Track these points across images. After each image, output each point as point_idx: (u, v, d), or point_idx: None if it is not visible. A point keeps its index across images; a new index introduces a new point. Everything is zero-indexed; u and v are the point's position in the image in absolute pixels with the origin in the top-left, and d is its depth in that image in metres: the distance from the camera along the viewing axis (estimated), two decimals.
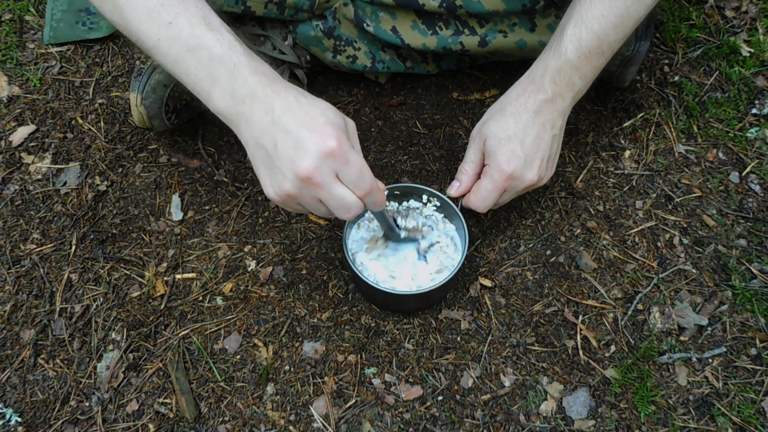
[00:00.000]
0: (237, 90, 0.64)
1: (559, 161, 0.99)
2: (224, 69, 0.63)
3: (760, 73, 1.06)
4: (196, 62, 0.64)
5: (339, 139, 0.62)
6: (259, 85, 0.63)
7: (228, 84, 0.64)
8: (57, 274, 0.92)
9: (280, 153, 0.62)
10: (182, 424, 0.81)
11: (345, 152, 0.62)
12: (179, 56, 0.65)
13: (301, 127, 0.62)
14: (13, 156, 1.02)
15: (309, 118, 0.62)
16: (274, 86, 0.64)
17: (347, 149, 0.63)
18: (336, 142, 0.61)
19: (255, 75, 0.64)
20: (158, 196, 0.98)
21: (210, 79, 0.64)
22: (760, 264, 0.89)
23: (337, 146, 0.61)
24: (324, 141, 0.61)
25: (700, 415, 0.80)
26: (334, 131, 0.62)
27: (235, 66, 0.63)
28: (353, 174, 0.63)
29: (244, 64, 0.64)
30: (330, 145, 0.61)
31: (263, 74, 0.64)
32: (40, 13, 1.19)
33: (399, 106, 1.07)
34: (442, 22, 0.91)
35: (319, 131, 0.62)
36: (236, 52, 0.64)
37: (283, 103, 0.63)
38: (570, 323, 0.87)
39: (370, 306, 0.88)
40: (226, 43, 0.64)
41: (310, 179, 0.62)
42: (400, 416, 0.81)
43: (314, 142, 0.61)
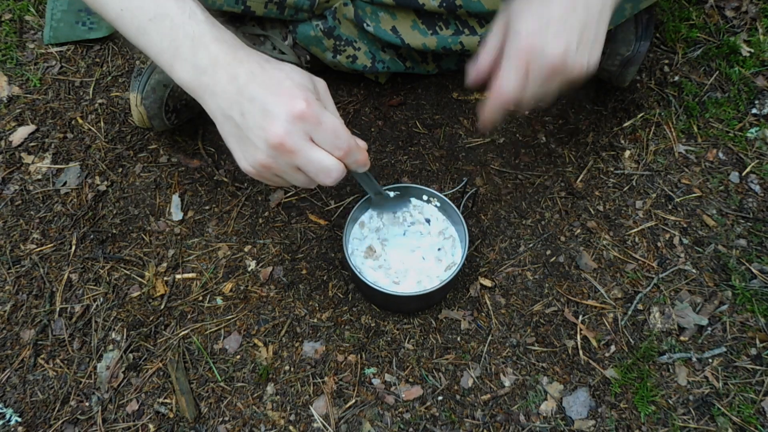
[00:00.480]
0: (199, 60, 0.61)
1: (558, 161, 1.00)
2: (186, 38, 0.61)
3: (760, 73, 1.06)
4: (157, 32, 0.62)
5: (308, 100, 0.59)
6: (221, 53, 0.61)
7: (190, 54, 0.61)
8: (57, 274, 0.92)
9: (248, 122, 0.60)
10: (182, 424, 0.81)
11: (316, 113, 0.59)
12: (141, 26, 0.63)
13: (267, 92, 0.59)
14: (13, 156, 1.02)
15: (274, 82, 0.60)
16: (237, 54, 0.61)
17: (318, 109, 0.59)
18: (305, 103, 0.58)
19: (217, 43, 0.61)
20: (158, 196, 0.98)
21: (172, 49, 0.62)
22: (760, 264, 0.89)
23: (307, 107, 0.58)
24: (292, 103, 0.58)
25: (700, 415, 0.80)
26: (302, 93, 0.59)
27: (196, 35, 0.61)
28: (328, 134, 0.60)
29: (206, 32, 0.61)
30: (299, 107, 0.58)
31: (225, 42, 0.62)
32: (40, 13, 1.19)
33: (399, 106, 1.07)
34: (442, 22, 0.91)
35: (286, 94, 0.59)
36: (198, 20, 0.61)
37: (246, 71, 0.60)
38: (570, 323, 0.87)
39: (370, 306, 0.88)
40: (188, 11, 0.61)
41: (283, 145, 0.59)
42: (400, 416, 0.81)
43: (282, 106, 0.58)
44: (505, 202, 0.97)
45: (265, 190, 0.99)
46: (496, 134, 1.03)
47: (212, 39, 0.61)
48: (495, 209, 0.96)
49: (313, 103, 0.59)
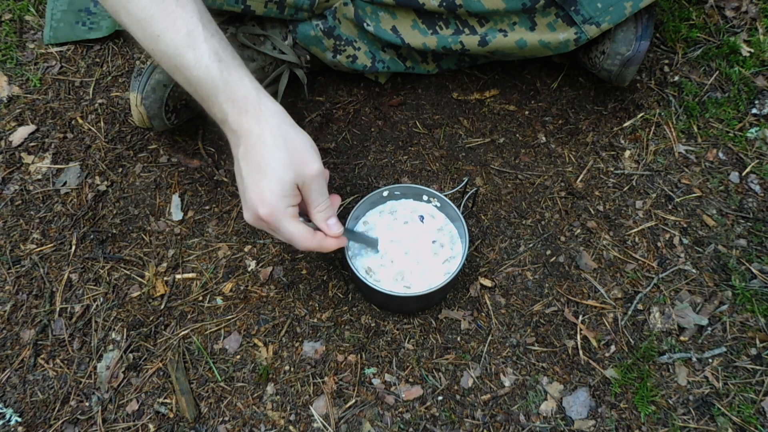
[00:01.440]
0: (216, 113, 0.68)
1: (558, 161, 1.00)
2: (204, 92, 0.66)
3: (760, 73, 1.06)
4: (182, 79, 0.68)
5: (271, 209, 0.66)
6: (231, 116, 0.66)
7: (209, 106, 0.68)
8: (57, 274, 0.92)
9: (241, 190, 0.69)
10: (182, 424, 0.81)
11: (274, 222, 0.67)
12: (169, 69, 0.68)
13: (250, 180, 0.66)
14: (13, 156, 1.02)
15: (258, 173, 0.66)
16: (243, 121, 0.66)
17: (276, 219, 0.66)
18: (267, 211, 0.66)
19: (227, 103, 0.66)
20: (158, 196, 0.98)
21: (197, 96, 0.68)
22: (760, 264, 0.89)
23: (267, 215, 0.66)
24: (257, 207, 0.66)
25: (700, 415, 0.80)
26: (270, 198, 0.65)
27: (209, 93, 0.66)
28: (284, 239, 0.69)
29: (220, 90, 0.65)
30: (261, 213, 0.66)
31: (235, 103, 0.66)
32: (40, 13, 1.19)
33: (399, 106, 1.07)
34: (442, 22, 0.91)
35: (259, 194, 0.65)
36: (212, 77, 0.65)
37: (245, 145, 0.66)
38: (570, 323, 0.87)
39: (370, 306, 0.88)
40: (203, 65, 0.65)
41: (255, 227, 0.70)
42: (400, 416, 0.81)
43: (252, 203, 0.66)
44: (505, 202, 0.97)
45: None
46: (496, 134, 1.03)
47: (224, 99, 0.66)
48: (495, 209, 0.96)
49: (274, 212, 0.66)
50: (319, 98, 1.07)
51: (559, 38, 0.89)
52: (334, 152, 1.02)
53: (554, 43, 0.89)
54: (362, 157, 1.02)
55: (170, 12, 0.64)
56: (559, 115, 1.05)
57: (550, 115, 1.05)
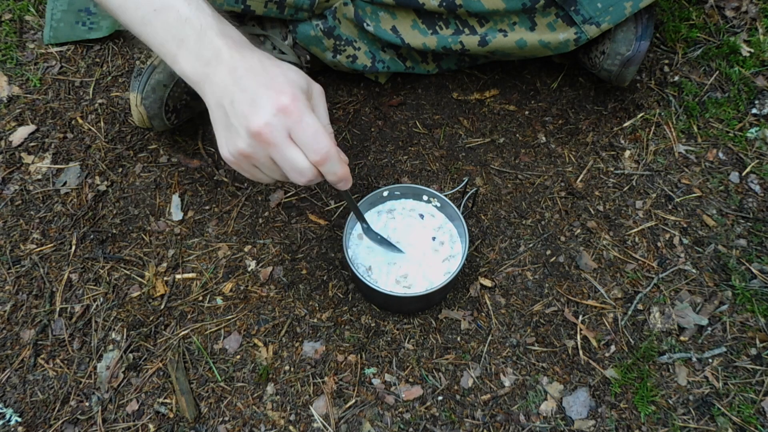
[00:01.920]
0: (203, 52, 0.63)
1: (558, 161, 1.00)
2: (191, 30, 0.63)
3: (760, 73, 1.06)
4: (162, 23, 0.63)
5: (295, 97, 0.60)
6: (225, 47, 0.62)
7: (195, 46, 0.63)
8: (57, 274, 0.92)
9: (236, 110, 0.61)
10: (182, 424, 0.81)
11: (299, 110, 0.60)
12: (146, 17, 0.64)
13: (259, 85, 0.61)
14: (13, 156, 1.02)
15: (269, 78, 0.61)
16: (241, 49, 0.63)
17: (302, 108, 0.61)
18: (290, 98, 0.60)
19: (221, 38, 0.62)
20: (158, 196, 0.98)
21: (177, 41, 0.63)
22: (760, 264, 0.89)
23: (291, 102, 0.60)
24: (278, 97, 0.60)
25: (700, 415, 0.80)
26: (291, 89, 0.61)
27: (202, 27, 0.62)
28: (307, 135, 0.61)
29: (212, 26, 0.63)
30: (283, 101, 0.60)
31: (230, 37, 0.63)
32: (40, 13, 1.19)
33: (399, 106, 1.07)
34: (442, 22, 0.91)
35: (276, 89, 0.60)
36: (204, 14, 0.63)
37: (246, 65, 0.62)
38: (570, 323, 0.87)
39: (370, 306, 0.88)
40: (194, 3, 0.63)
41: (261, 135, 0.60)
42: (400, 416, 0.81)
43: (269, 98, 0.60)
44: (505, 202, 0.97)
45: (265, 190, 0.99)
46: (496, 134, 1.03)
47: (217, 33, 0.62)
48: (495, 209, 0.96)
49: (299, 101, 0.60)
50: None
51: (559, 38, 0.89)
52: None
53: (554, 43, 0.89)
54: (362, 157, 1.02)
55: None
56: (559, 115, 1.05)
57: (550, 115, 1.05)
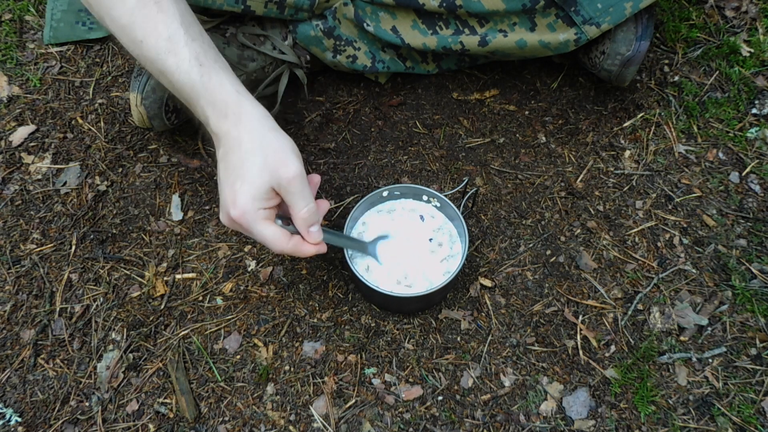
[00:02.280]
0: (199, 115, 0.69)
1: (558, 161, 1.00)
2: (185, 96, 0.68)
3: (760, 73, 1.06)
4: (166, 83, 0.69)
5: (242, 211, 0.66)
6: (211, 119, 0.67)
7: (193, 108, 0.69)
8: (57, 274, 0.92)
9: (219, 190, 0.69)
10: (182, 424, 0.81)
11: (246, 224, 0.66)
12: (155, 72, 0.69)
13: (225, 182, 0.67)
14: (13, 156, 1.02)
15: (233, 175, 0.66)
16: (222, 125, 0.66)
17: (248, 222, 0.66)
18: (238, 213, 0.66)
19: (209, 107, 0.66)
20: (158, 196, 0.98)
21: (181, 98, 0.69)
22: (760, 264, 0.89)
23: (238, 217, 0.66)
24: (229, 208, 0.66)
25: (700, 415, 0.80)
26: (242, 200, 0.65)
27: (191, 97, 0.67)
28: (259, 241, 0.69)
29: (201, 94, 0.66)
30: (232, 214, 0.66)
31: (215, 107, 0.66)
32: (40, 13, 1.19)
33: (399, 106, 1.07)
34: (442, 22, 0.91)
35: (232, 196, 0.66)
36: (193, 82, 0.66)
37: (224, 148, 0.67)
38: (570, 323, 0.87)
39: (370, 306, 0.88)
40: (184, 70, 0.65)
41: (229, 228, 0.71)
42: (400, 416, 0.81)
43: (225, 204, 0.67)
44: (505, 202, 0.97)
45: None
46: (496, 134, 1.03)
47: (205, 103, 0.67)
48: (495, 209, 0.96)
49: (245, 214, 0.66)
50: (319, 98, 1.07)
51: (559, 39, 0.89)
52: (334, 152, 1.02)
53: (554, 43, 0.89)
54: (362, 157, 1.02)
55: (151, 17, 0.65)
56: (559, 115, 1.05)
57: (550, 115, 1.05)
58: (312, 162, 1.01)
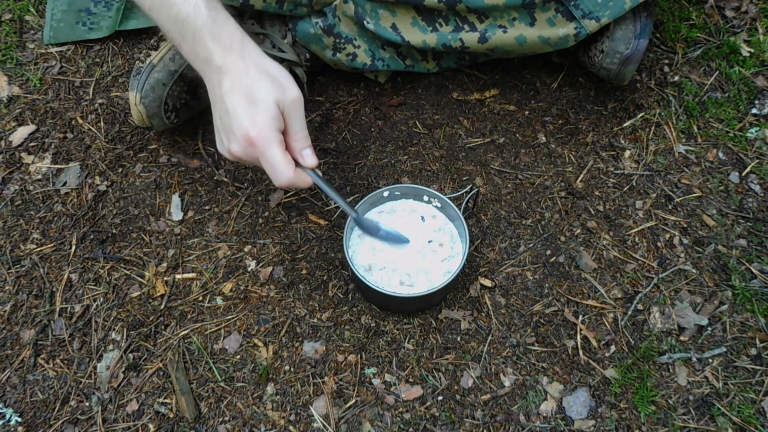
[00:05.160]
0: (199, 52, 0.70)
1: (558, 161, 1.00)
2: (188, 29, 0.69)
3: (760, 73, 1.06)
4: (165, 16, 0.70)
5: (260, 132, 0.68)
6: (216, 54, 0.69)
7: (191, 45, 0.70)
8: (57, 274, 0.91)
9: (223, 126, 0.71)
10: (182, 424, 0.81)
11: (263, 145, 0.68)
12: (153, 5, 0.71)
13: (237, 109, 0.68)
14: (13, 156, 1.02)
15: (245, 100, 0.68)
16: (227, 58, 0.69)
17: (264, 143, 0.68)
18: (256, 133, 0.68)
19: (213, 42, 0.69)
20: (158, 196, 0.98)
21: (179, 35, 0.71)
22: (760, 264, 0.89)
23: (256, 137, 0.68)
24: (248, 130, 0.68)
25: (700, 415, 0.80)
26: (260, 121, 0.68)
27: (196, 30, 0.69)
28: (268, 168, 0.70)
29: (206, 29, 0.69)
30: (252, 135, 0.68)
31: (221, 42, 0.69)
32: (40, 13, 1.19)
33: (399, 106, 1.07)
34: (441, 19, 0.91)
35: (250, 118, 0.68)
36: (200, 15, 0.69)
37: (230, 80, 0.69)
38: (570, 323, 0.87)
39: (370, 306, 0.88)
40: (192, 3, 0.68)
41: (240, 159, 0.71)
42: (400, 416, 0.81)
43: (241, 129, 0.68)
44: (505, 202, 0.97)
45: (265, 190, 0.99)
46: (496, 134, 1.03)
47: (210, 37, 0.69)
48: (495, 209, 0.96)
49: (263, 135, 0.68)
50: (319, 98, 1.07)
51: (559, 33, 0.89)
52: (334, 152, 1.02)
53: (554, 38, 0.89)
54: (362, 157, 1.02)
55: None
56: (559, 115, 1.05)
57: (550, 115, 1.05)
58: None
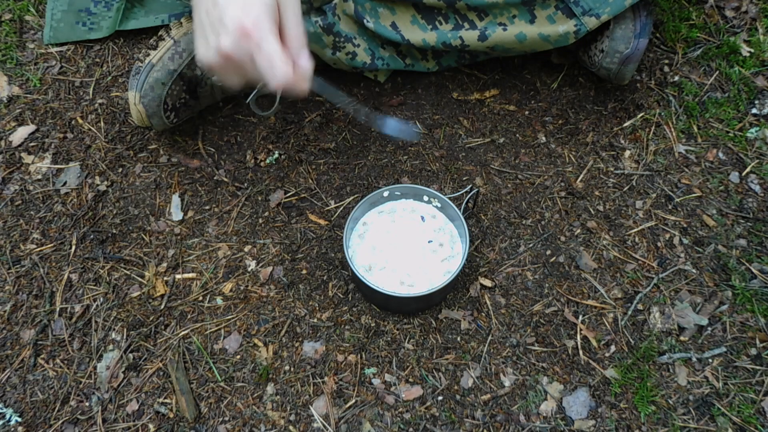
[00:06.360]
0: None
1: (558, 161, 1.00)
2: None
3: (760, 73, 1.06)
4: None
5: (256, 20, 0.62)
6: None
7: None
8: (57, 274, 0.92)
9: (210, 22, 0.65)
10: (182, 424, 0.81)
11: (259, 36, 0.63)
12: None
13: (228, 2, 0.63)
14: (13, 156, 1.02)
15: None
16: None
17: (261, 34, 0.63)
18: (251, 22, 0.62)
19: None
20: (158, 196, 0.98)
21: None
22: (760, 264, 0.89)
23: (251, 27, 0.62)
24: (242, 19, 0.62)
25: (700, 415, 0.80)
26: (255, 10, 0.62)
27: None
28: (264, 64, 0.64)
29: None
30: (247, 24, 0.62)
31: None
32: (40, 13, 1.19)
33: (399, 106, 1.07)
34: (441, 17, 0.91)
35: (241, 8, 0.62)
36: None
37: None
38: (570, 323, 0.87)
39: (370, 306, 0.88)
40: None
41: (229, 56, 0.64)
42: (400, 416, 0.81)
43: (233, 20, 0.62)
44: (505, 202, 0.97)
45: (265, 190, 0.99)
46: (496, 134, 1.03)
47: None
48: (495, 209, 0.96)
49: (259, 24, 0.62)
50: (319, 98, 1.07)
51: (559, 31, 0.88)
52: (334, 152, 1.02)
53: (554, 36, 0.89)
54: (362, 157, 1.02)
55: None
56: (559, 115, 1.05)
57: (550, 115, 1.05)
58: (312, 162, 1.01)
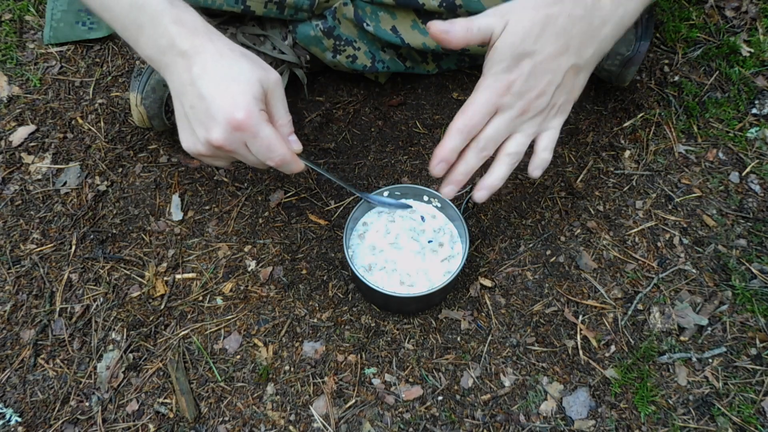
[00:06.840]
0: (159, 40, 0.64)
1: (558, 161, 1.00)
2: (146, 17, 0.63)
3: (760, 73, 1.06)
4: (120, 8, 0.65)
5: (248, 111, 0.62)
6: (179, 37, 0.63)
7: (151, 33, 0.64)
8: (57, 274, 0.92)
9: (195, 116, 0.64)
10: (182, 424, 0.81)
11: (253, 126, 0.63)
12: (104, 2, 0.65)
13: (214, 93, 0.62)
14: (13, 156, 1.02)
15: (224, 82, 0.62)
16: (195, 40, 0.63)
17: (255, 122, 0.63)
18: (244, 114, 0.62)
19: (176, 25, 0.63)
20: (158, 196, 0.98)
21: (135, 27, 0.64)
22: (760, 264, 0.89)
23: (245, 119, 0.62)
24: (233, 113, 0.62)
25: (700, 415, 0.80)
26: (245, 100, 0.62)
27: (156, 14, 0.63)
28: (262, 147, 0.65)
29: (166, 12, 0.63)
30: (239, 117, 0.62)
31: (185, 25, 0.63)
32: (40, 13, 1.19)
33: (399, 106, 1.07)
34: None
35: (229, 101, 0.62)
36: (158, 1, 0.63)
37: (201, 62, 0.63)
38: (570, 323, 0.87)
39: (370, 306, 0.88)
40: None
41: (221, 147, 0.64)
42: (400, 416, 0.81)
43: (224, 113, 0.62)
44: (505, 202, 0.97)
45: (265, 190, 0.99)
46: None
47: (171, 20, 0.63)
48: (495, 209, 0.96)
49: (252, 115, 0.63)
50: (319, 98, 1.07)
51: None
52: (334, 152, 1.02)
53: None
54: (362, 157, 1.02)
55: None
56: None
57: None
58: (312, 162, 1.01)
